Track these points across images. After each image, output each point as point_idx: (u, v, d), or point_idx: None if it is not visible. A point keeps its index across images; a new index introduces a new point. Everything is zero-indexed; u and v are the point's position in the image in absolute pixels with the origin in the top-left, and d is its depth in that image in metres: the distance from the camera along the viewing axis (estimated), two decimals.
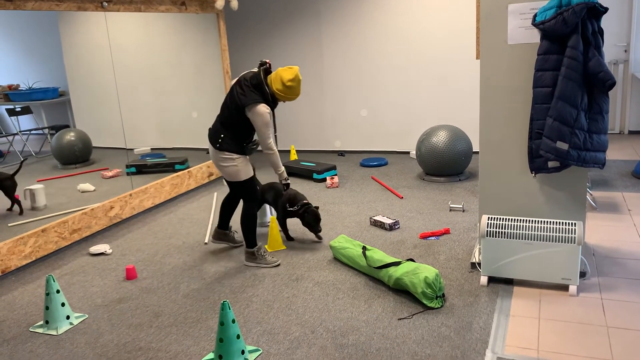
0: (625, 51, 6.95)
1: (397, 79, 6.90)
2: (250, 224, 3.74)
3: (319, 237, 4.18)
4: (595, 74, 2.80)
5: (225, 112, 3.61)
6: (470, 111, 6.64)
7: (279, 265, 3.76)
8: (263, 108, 3.47)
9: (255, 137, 3.71)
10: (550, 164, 3.03)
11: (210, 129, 3.71)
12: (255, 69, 3.60)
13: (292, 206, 4.12)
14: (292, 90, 3.54)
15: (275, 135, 4.04)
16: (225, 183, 5.59)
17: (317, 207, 4.13)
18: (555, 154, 2.91)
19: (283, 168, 3.72)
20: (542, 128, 2.97)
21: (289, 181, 3.80)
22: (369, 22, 6.85)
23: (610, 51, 6.99)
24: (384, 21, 6.78)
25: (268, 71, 3.59)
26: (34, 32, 4.51)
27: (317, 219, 4.08)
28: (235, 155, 3.61)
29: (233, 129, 3.58)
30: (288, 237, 4.25)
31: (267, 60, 3.62)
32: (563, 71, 2.82)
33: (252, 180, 3.75)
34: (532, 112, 3.00)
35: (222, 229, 4.12)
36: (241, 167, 3.65)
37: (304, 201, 4.11)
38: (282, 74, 3.50)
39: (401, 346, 2.67)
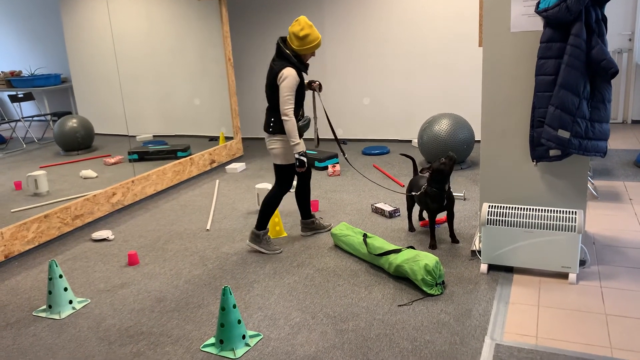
0: (630, 40, 6.90)
1: (400, 67, 6.87)
2: (270, 208, 3.73)
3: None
4: (598, 62, 2.79)
5: (269, 98, 3.60)
6: (473, 99, 6.62)
7: (280, 252, 3.78)
8: (288, 70, 3.45)
9: (307, 115, 3.61)
10: (552, 152, 3.03)
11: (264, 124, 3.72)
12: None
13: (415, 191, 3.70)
14: (308, 38, 3.48)
15: (315, 123, 3.80)
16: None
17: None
18: (556, 143, 2.91)
19: (299, 140, 3.52)
20: (544, 116, 2.96)
21: (303, 157, 3.53)
22: (372, 9, 6.81)
23: (614, 40, 6.95)
24: (387, 8, 6.74)
25: (285, 39, 3.60)
26: (36, 19, 4.50)
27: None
28: (286, 137, 3.58)
29: (279, 110, 3.56)
30: (432, 245, 3.67)
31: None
32: (566, 59, 2.81)
33: (294, 167, 3.69)
34: (534, 100, 2.99)
35: (307, 219, 4.04)
36: (290, 150, 3.63)
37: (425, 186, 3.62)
38: (292, 30, 3.49)
39: (400, 332, 2.69)
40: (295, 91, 3.50)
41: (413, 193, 3.76)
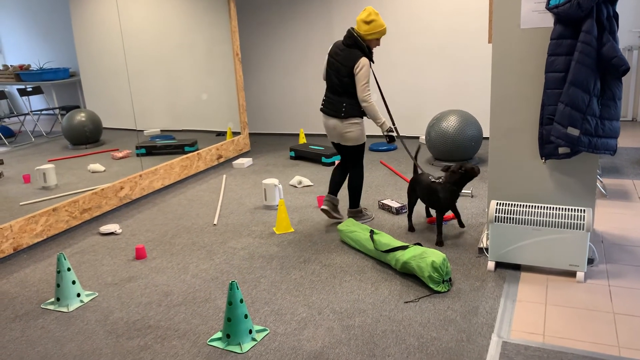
0: None
1: (408, 62, 6.85)
2: (360, 186, 4.09)
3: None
4: (609, 60, 2.76)
5: (337, 85, 3.85)
6: (481, 96, 6.60)
7: (373, 219, 4.21)
8: (365, 60, 3.73)
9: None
10: (561, 150, 3.02)
11: (325, 108, 3.96)
12: (340, 42, 3.89)
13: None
14: (375, 24, 3.74)
15: (382, 95, 4.09)
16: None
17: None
18: (566, 140, 2.89)
19: (384, 119, 3.84)
20: (554, 114, 2.95)
21: (393, 133, 3.88)
22: (380, 4, 6.79)
23: (625, 37, 6.89)
24: (395, 3, 6.72)
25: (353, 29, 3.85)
26: (45, 13, 4.52)
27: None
28: (358, 119, 3.88)
29: (351, 95, 3.82)
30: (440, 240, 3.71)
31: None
32: (576, 56, 2.79)
33: (364, 146, 4.03)
34: (543, 98, 2.97)
35: (334, 194, 4.16)
36: (363, 130, 3.94)
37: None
38: (359, 18, 3.77)
39: (407, 329, 2.69)
40: None
41: (440, 180, 3.72)
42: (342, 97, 3.84)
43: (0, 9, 4.13)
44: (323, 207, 4.10)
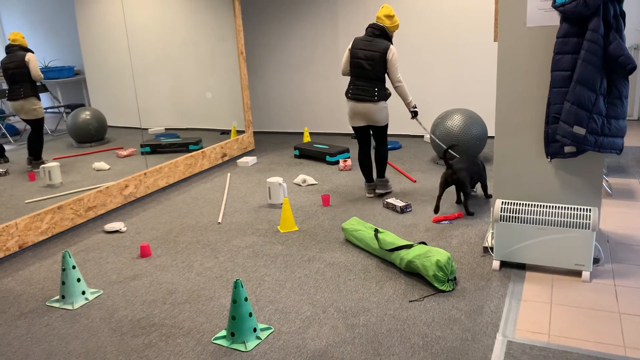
0: None
1: (413, 61, 6.83)
2: (387, 158, 4.66)
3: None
4: (616, 58, 2.75)
5: (369, 72, 4.32)
6: (486, 95, 6.57)
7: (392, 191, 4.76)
8: (393, 47, 4.35)
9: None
10: (567, 149, 3.00)
11: (356, 95, 4.39)
12: (364, 36, 4.41)
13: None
14: (395, 18, 4.38)
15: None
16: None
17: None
18: (572, 139, 2.88)
19: (411, 97, 4.42)
20: (560, 112, 2.93)
21: (417, 109, 4.45)
22: (386, 2, 6.77)
23: (631, 36, 6.85)
24: (400, 2, 6.70)
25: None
26: (50, 11, 4.52)
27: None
28: (386, 103, 4.44)
29: (382, 81, 4.37)
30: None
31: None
32: (583, 55, 2.78)
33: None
34: (549, 96, 2.96)
35: (372, 182, 4.75)
36: (388, 112, 4.52)
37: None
38: (382, 14, 4.35)
39: (412, 328, 2.68)
40: None
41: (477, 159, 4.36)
42: (373, 82, 4.34)
43: (5, 7, 4.14)
44: (369, 195, 4.67)
